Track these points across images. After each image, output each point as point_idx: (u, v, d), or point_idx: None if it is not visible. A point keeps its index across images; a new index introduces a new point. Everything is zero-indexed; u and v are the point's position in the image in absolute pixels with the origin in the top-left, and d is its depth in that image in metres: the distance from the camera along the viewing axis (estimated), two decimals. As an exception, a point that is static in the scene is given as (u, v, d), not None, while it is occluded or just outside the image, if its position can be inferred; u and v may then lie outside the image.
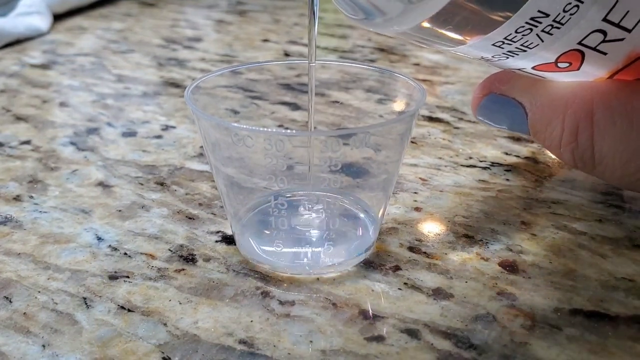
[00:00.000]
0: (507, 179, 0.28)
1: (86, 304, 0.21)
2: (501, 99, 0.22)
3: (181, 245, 0.24)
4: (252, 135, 0.19)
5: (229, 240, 0.24)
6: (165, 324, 0.20)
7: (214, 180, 0.27)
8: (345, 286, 0.21)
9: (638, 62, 0.18)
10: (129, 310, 0.20)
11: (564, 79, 0.20)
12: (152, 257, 0.23)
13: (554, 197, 0.26)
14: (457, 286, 0.21)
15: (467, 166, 0.30)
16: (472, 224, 0.25)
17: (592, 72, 0.19)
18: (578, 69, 0.18)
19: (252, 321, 0.20)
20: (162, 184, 0.28)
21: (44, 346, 0.19)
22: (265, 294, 0.21)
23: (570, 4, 0.15)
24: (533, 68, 0.19)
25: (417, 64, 0.45)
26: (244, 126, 0.19)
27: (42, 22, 0.54)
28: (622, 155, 0.19)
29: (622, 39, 0.17)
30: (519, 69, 0.19)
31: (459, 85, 0.41)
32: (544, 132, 0.21)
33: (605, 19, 0.16)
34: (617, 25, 0.16)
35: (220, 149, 0.21)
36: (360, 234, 0.23)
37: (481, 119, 0.24)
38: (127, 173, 0.29)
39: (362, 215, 0.23)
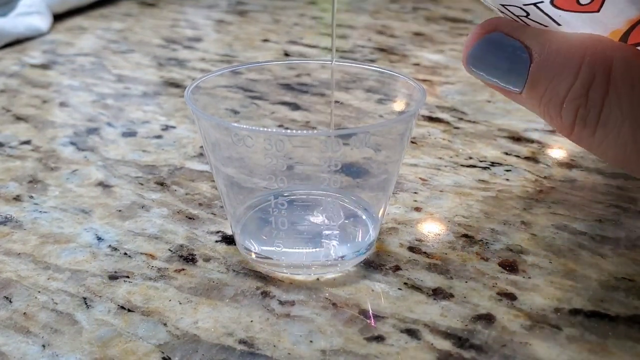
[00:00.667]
0: (507, 179, 0.28)
1: (86, 304, 0.21)
2: (505, 40, 0.20)
3: (181, 245, 0.24)
4: (252, 135, 0.19)
5: (229, 240, 0.24)
6: (165, 324, 0.20)
7: (214, 180, 0.27)
8: (345, 286, 0.21)
9: None
10: (129, 310, 0.20)
11: (581, 25, 0.18)
12: (152, 257, 0.23)
13: (553, 197, 0.26)
14: (457, 286, 0.21)
15: (467, 166, 0.30)
16: (472, 224, 0.25)
17: (612, 17, 0.18)
18: (598, 10, 0.17)
19: (252, 321, 0.20)
20: (162, 184, 0.28)
21: (44, 346, 0.19)
22: (265, 294, 0.21)
23: None
24: (552, 3, 0.17)
25: (417, 64, 0.45)
26: (244, 126, 0.19)
27: (42, 22, 0.54)
28: (632, 122, 0.18)
29: None
30: (534, 4, 0.18)
31: (459, 85, 0.41)
32: (547, 83, 0.19)
33: None
34: None
35: (220, 149, 0.21)
36: (360, 234, 0.23)
37: (472, 65, 0.21)
38: (127, 173, 0.29)
39: (362, 215, 0.23)
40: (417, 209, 0.26)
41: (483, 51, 0.21)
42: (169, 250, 0.23)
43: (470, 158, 0.30)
